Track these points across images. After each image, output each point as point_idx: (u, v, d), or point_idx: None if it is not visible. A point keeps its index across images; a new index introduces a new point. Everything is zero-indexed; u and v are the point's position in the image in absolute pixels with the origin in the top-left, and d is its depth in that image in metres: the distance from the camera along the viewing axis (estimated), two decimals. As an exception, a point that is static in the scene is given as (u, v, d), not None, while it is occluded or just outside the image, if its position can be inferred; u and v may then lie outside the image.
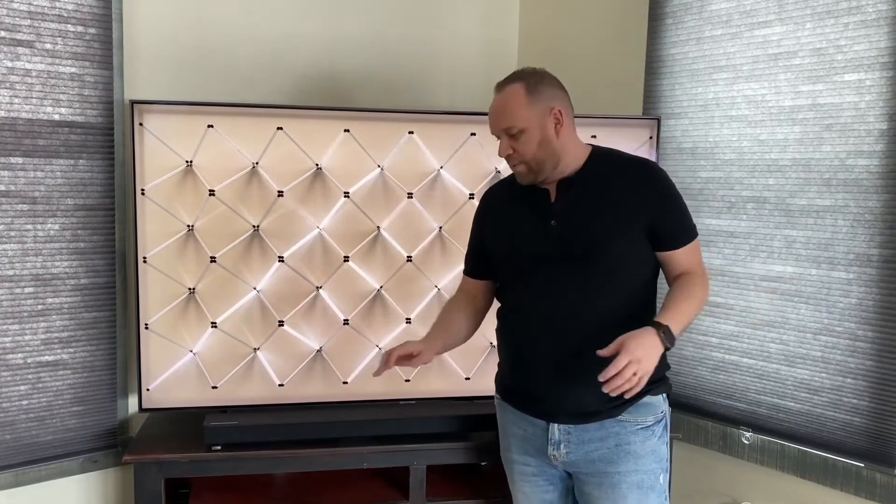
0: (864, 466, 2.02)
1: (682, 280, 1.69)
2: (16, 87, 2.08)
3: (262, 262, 2.20)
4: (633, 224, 1.66)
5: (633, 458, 1.68)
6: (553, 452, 1.72)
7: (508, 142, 1.69)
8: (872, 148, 1.98)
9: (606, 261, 1.66)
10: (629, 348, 1.49)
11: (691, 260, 1.71)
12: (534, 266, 1.72)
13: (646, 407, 1.70)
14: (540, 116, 1.67)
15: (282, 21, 2.50)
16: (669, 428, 1.77)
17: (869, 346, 2.01)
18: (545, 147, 1.67)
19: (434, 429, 2.21)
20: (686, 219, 1.73)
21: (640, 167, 1.74)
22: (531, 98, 1.67)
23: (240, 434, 2.10)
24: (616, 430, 1.68)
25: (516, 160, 1.70)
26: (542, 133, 1.67)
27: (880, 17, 1.95)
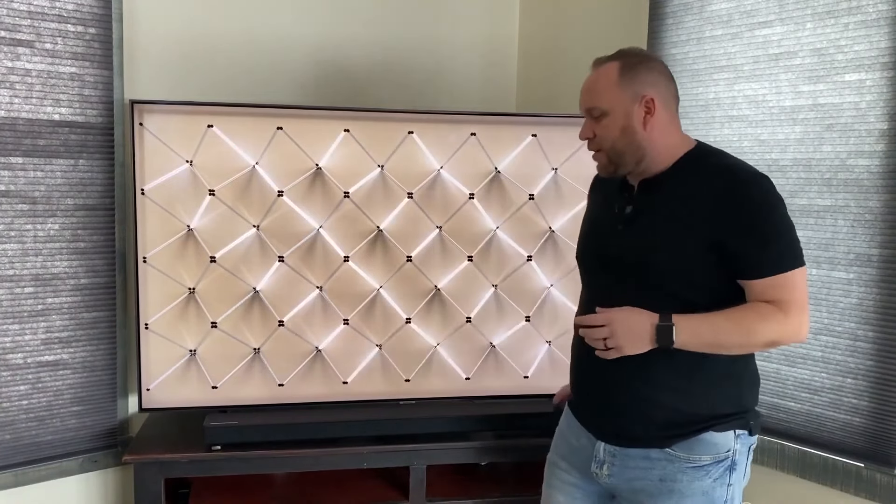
0: (864, 466, 2.01)
1: (751, 304, 1.45)
2: (16, 87, 2.08)
3: (262, 262, 2.20)
4: (697, 242, 1.45)
5: (677, 496, 1.51)
6: (595, 470, 1.60)
7: (590, 124, 1.55)
8: (873, 148, 1.98)
9: (658, 278, 1.48)
10: (613, 315, 1.43)
11: (775, 294, 1.43)
12: (595, 270, 1.63)
13: (702, 444, 1.50)
14: (628, 102, 1.50)
15: (282, 21, 2.50)
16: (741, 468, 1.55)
17: (869, 346, 2.01)
18: (628, 136, 1.50)
19: (434, 429, 2.21)
20: (772, 246, 1.44)
21: (730, 176, 1.47)
22: (623, 80, 1.50)
23: (240, 434, 2.10)
24: (662, 462, 1.52)
25: (594, 146, 1.56)
26: (626, 120, 1.50)
27: (881, 17, 1.95)
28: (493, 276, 2.35)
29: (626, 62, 1.52)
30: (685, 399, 1.51)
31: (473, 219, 2.32)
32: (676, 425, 1.52)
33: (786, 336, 1.46)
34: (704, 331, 1.44)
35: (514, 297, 2.35)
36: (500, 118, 2.33)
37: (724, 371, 1.52)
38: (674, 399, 1.51)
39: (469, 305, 2.34)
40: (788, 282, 1.44)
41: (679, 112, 1.60)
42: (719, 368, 1.51)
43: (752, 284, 1.46)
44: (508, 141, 2.31)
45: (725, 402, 1.53)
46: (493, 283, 2.35)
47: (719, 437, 1.51)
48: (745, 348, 1.50)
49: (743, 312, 1.45)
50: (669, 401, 1.51)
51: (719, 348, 1.47)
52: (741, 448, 1.54)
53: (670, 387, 1.51)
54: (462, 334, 2.34)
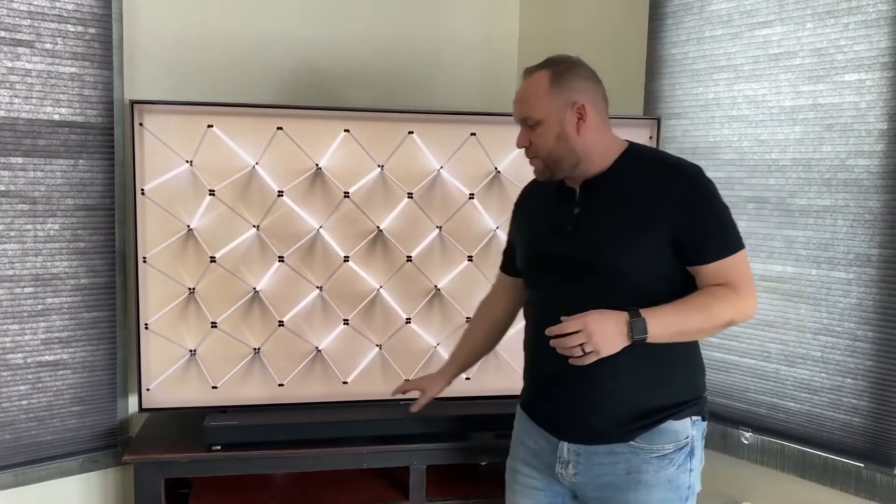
0: (864, 466, 2.01)
1: (706, 289, 1.52)
2: (16, 87, 2.08)
3: (262, 262, 2.20)
4: (651, 235, 1.51)
5: (644, 487, 1.55)
6: (560, 471, 1.62)
7: (526, 133, 1.59)
8: (872, 148, 1.98)
9: (616, 275, 1.52)
10: (587, 319, 1.43)
11: (726, 276, 1.51)
12: (545, 273, 1.64)
13: (663, 433, 1.55)
14: (560, 109, 1.55)
15: (282, 21, 2.50)
16: (699, 452, 1.61)
17: (869, 346, 2.01)
18: (562, 143, 1.55)
19: (434, 429, 2.21)
20: (719, 230, 1.53)
21: (670, 171, 1.56)
22: (554, 88, 1.55)
23: (240, 434, 2.10)
24: (627, 456, 1.55)
25: (532, 154, 1.60)
26: (559, 127, 1.55)
27: (880, 17, 1.95)
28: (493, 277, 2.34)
29: (555, 70, 1.57)
30: (648, 391, 1.56)
31: (473, 219, 2.32)
32: (639, 417, 1.55)
33: (741, 314, 1.53)
34: (671, 320, 1.48)
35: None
36: (500, 118, 2.33)
37: (679, 360, 1.59)
38: (638, 392, 1.55)
39: (469, 306, 2.33)
40: (736, 263, 1.52)
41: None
42: (675, 358, 1.57)
43: (703, 269, 1.52)
44: (508, 141, 2.29)
45: (682, 390, 1.59)
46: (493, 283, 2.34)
47: (678, 425, 1.57)
48: (707, 332, 1.56)
49: (702, 297, 1.51)
50: (634, 394, 1.55)
51: (685, 335, 1.53)
52: (697, 434, 1.60)
53: (635, 380, 1.54)
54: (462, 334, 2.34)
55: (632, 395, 1.55)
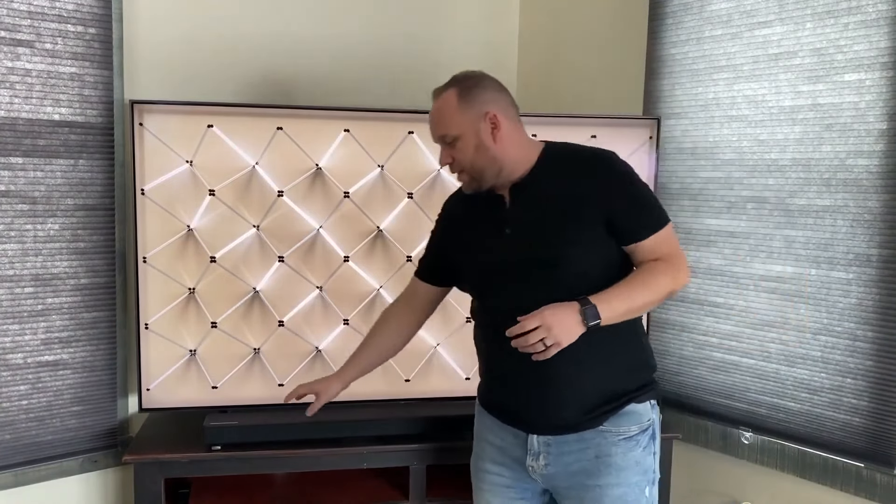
0: (864, 466, 2.02)
1: (642, 266, 1.61)
2: (16, 87, 2.08)
3: (262, 262, 2.20)
4: (589, 224, 1.58)
5: (614, 470, 1.61)
6: (532, 464, 1.66)
7: (447, 150, 1.65)
8: (872, 148, 1.98)
9: (566, 267, 1.58)
10: (543, 314, 1.47)
11: (659, 250, 1.60)
12: (494, 277, 1.67)
13: (628, 416, 1.63)
14: (474, 122, 1.60)
15: (282, 21, 2.50)
16: (659, 437, 1.69)
17: (868, 346, 2.01)
18: (483, 154, 1.61)
19: (434, 429, 2.21)
20: (647, 208, 1.62)
21: (590, 161, 1.64)
22: (464, 104, 1.61)
23: (240, 434, 2.10)
24: (596, 440, 1.62)
25: (456, 169, 1.66)
26: (477, 139, 1.61)
27: (880, 17, 1.95)
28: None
29: (462, 87, 1.63)
30: (610, 375, 1.63)
31: (473, 219, 2.32)
32: (605, 402, 1.62)
33: (678, 283, 1.61)
34: (619, 300, 1.54)
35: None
36: (499, 118, 2.33)
37: (630, 342, 1.66)
38: (600, 378, 1.62)
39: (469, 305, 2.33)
40: (666, 236, 1.62)
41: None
42: (627, 339, 1.64)
43: (638, 247, 1.60)
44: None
45: (639, 372, 1.67)
46: (493, 283, 2.35)
47: (640, 408, 1.65)
48: (652, 304, 1.62)
49: (642, 275, 1.59)
50: (597, 380, 1.61)
51: (634, 311, 1.59)
52: (656, 418, 1.69)
53: (595, 367, 1.60)
54: (462, 334, 2.34)
55: (595, 382, 1.61)
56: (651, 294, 1.57)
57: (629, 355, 1.66)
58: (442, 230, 1.85)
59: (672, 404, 2.44)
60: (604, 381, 1.62)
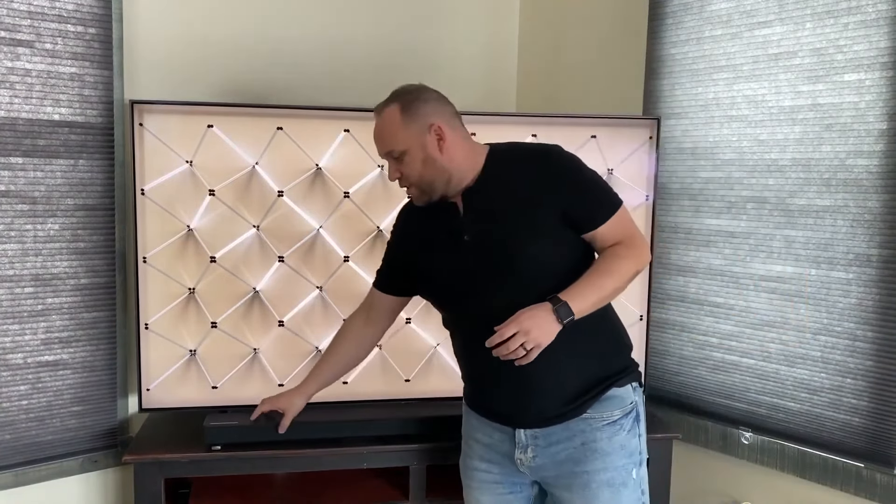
0: (864, 466, 2.02)
1: (603, 253, 1.63)
2: (16, 87, 2.08)
3: (262, 262, 2.20)
4: (545, 219, 1.60)
5: (600, 455, 1.64)
6: (520, 457, 1.68)
7: (394, 165, 1.65)
8: (872, 148, 1.98)
9: (528, 266, 1.59)
10: (519, 319, 1.50)
11: (617, 234, 1.63)
12: (459, 286, 1.67)
13: (610, 400, 1.65)
14: (419, 136, 1.62)
15: (282, 21, 2.50)
16: (644, 418, 1.72)
17: (868, 347, 2.01)
18: (430, 166, 1.62)
19: (434, 429, 2.21)
20: (598, 194, 1.64)
21: (535, 157, 1.65)
22: (407, 118, 1.62)
23: (240, 434, 2.10)
24: (581, 427, 1.64)
25: (405, 183, 1.67)
26: (423, 152, 1.62)
27: (880, 17, 1.95)
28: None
29: (404, 102, 1.63)
30: (588, 364, 1.65)
31: (473, 219, 2.32)
32: (586, 391, 1.64)
33: (641, 263, 1.64)
34: (588, 292, 1.57)
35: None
36: (500, 118, 2.34)
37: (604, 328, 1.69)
38: (579, 367, 1.64)
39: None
40: (621, 220, 1.64)
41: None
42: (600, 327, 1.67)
43: (595, 234, 1.62)
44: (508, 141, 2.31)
45: (617, 356, 1.70)
46: (493, 283, 2.35)
47: (621, 392, 1.67)
48: (620, 290, 1.63)
49: (605, 262, 1.61)
50: (577, 371, 1.64)
51: (604, 300, 1.61)
52: (639, 399, 1.72)
53: (573, 358, 1.62)
54: (462, 334, 2.34)
55: (574, 372, 1.63)
56: (617, 279, 1.60)
57: (602, 340, 1.68)
58: (397, 243, 1.85)
59: (672, 404, 2.44)
60: (582, 370, 1.64)
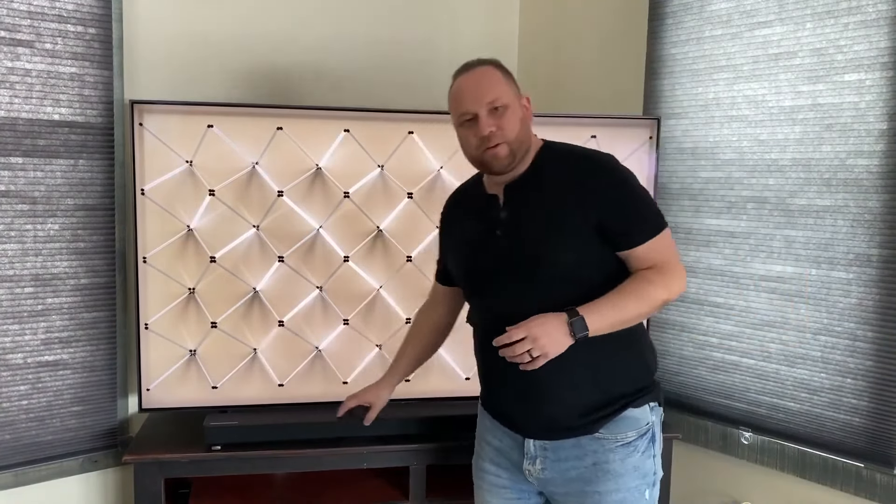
0: (864, 466, 2.02)
1: (634, 274, 1.56)
2: (16, 87, 2.08)
3: (262, 262, 2.20)
4: (579, 229, 1.54)
5: (612, 477, 1.58)
6: (528, 467, 1.64)
7: (492, 119, 1.56)
8: (872, 148, 1.98)
9: (550, 272, 1.55)
10: (530, 325, 1.46)
11: (654, 257, 1.55)
12: (485, 280, 1.65)
13: (625, 421, 1.59)
14: (517, 97, 1.60)
15: (282, 21, 2.50)
16: (659, 438, 1.66)
17: (869, 347, 2.01)
18: (524, 128, 1.59)
19: (434, 429, 2.21)
20: (642, 213, 1.57)
21: (585, 163, 1.59)
22: (507, 79, 1.61)
23: (240, 434, 2.10)
24: (593, 447, 1.58)
25: (499, 139, 1.56)
26: (521, 112, 1.60)
27: (880, 17, 1.95)
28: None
29: (499, 66, 1.62)
30: (603, 381, 1.59)
31: (473, 219, 2.32)
32: (599, 408, 1.58)
33: (673, 292, 1.57)
34: (608, 312, 1.51)
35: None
36: (499, 118, 2.33)
37: (627, 346, 1.61)
38: (594, 383, 1.58)
39: (469, 305, 2.34)
40: (661, 244, 1.57)
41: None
42: (623, 345, 1.59)
43: (632, 253, 1.56)
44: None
45: (636, 376, 1.63)
46: (493, 283, 2.35)
47: (638, 413, 1.60)
48: (644, 315, 1.58)
49: (634, 284, 1.54)
50: (590, 386, 1.58)
51: (625, 323, 1.54)
52: (656, 420, 1.65)
53: (588, 372, 1.57)
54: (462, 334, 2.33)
55: (588, 387, 1.58)
56: (643, 304, 1.53)
57: (624, 360, 1.62)
58: (443, 232, 1.85)
59: (672, 404, 2.43)
60: (596, 387, 1.58)
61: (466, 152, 1.65)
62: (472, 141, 1.60)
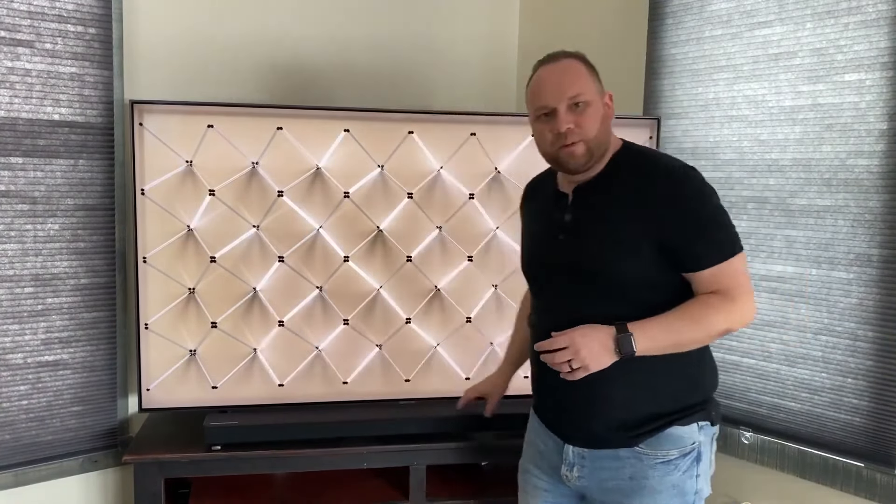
0: (864, 466, 2.01)
1: (696, 298, 1.47)
2: (16, 87, 2.08)
3: (262, 262, 2.20)
4: (638, 244, 1.47)
5: (649, 493, 1.52)
6: (566, 473, 1.61)
7: (571, 115, 1.49)
8: (873, 148, 1.98)
9: (608, 286, 1.49)
10: (574, 335, 1.43)
11: (720, 283, 1.46)
12: (544, 279, 1.63)
13: (669, 439, 1.52)
14: (600, 94, 1.53)
15: (282, 21, 2.50)
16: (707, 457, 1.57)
17: (869, 346, 2.01)
18: (605, 127, 1.52)
19: (434, 429, 2.21)
20: (711, 235, 1.47)
21: (656, 174, 1.50)
22: (592, 75, 1.53)
23: (240, 434, 2.10)
24: (632, 461, 1.53)
25: (577, 137, 1.49)
26: (603, 110, 1.52)
27: (880, 17, 1.95)
28: (493, 276, 2.35)
29: (584, 60, 1.55)
30: (648, 397, 1.52)
31: (473, 219, 2.32)
32: (640, 423, 1.52)
33: (736, 322, 1.48)
34: (661, 334, 1.45)
35: (513, 297, 2.35)
36: (500, 118, 2.33)
37: (682, 365, 1.53)
38: (638, 399, 1.52)
39: (469, 305, 2.34)
40: (731, 269, 1.47)
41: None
42: (677, 362, 1.51)
43: (697, 276, 1.47)
44: (508, 141, 2.31)
45: (685, 394, 1.55)
46: (493, 283, 2.35)
47: (684, 431, 1.53)
48: (700, 342, 1.51)
49: (693, 308, 1.46)
50: (634, 401, 1.52)
51: (677, 347, 1.48)
52: (705, 439, 1.56)
53: (633, 387, 1.51)
54: (462, 334, 2.34)
55: (631, 402, 1.52)
56: (699, 331, 1.46)
57: (673, 380, 1.54)
58: (521, 218, 1.81)
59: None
60: (639, 403, 1.53)
61: (541, 148, 1.57)
62: (548, 136, 1.53)
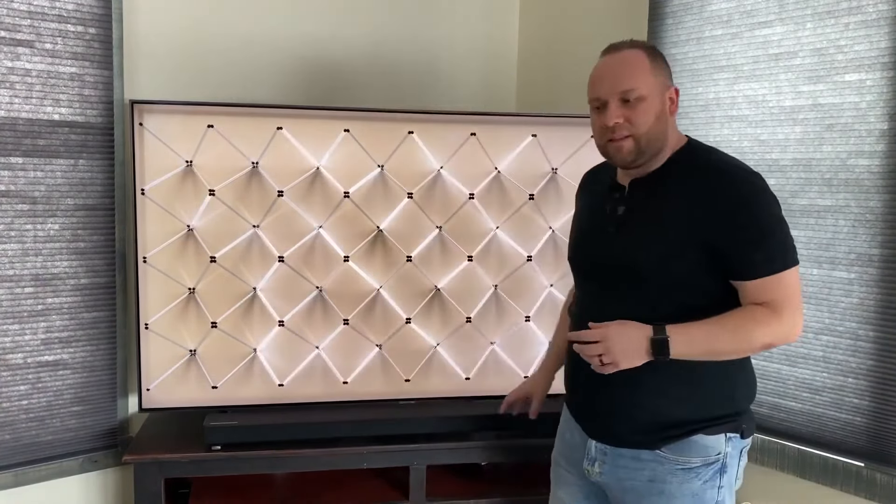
0: (865, 466, 2.01)
1: (741, 308, 1.43)
2: (16, 87, 2.08)
3: (262, 262, 2.20)
4: (684, 247, 1.44)
5: (666, 498, 1.50)
6: (588, 467, 1.60)
7: (622, 109, 1.45)
8: (873, 148, 1.98)
9: (649, 283, 1.46)
10: (608, 329, 1.41)
11: (768, 295, 1.41)
12: (588, 272, 1.62)
13: (693, 446, 1.49)
14: (661, 89, 1.47)
15: (282, 21, 2.50)
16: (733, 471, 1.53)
17: (870, 346, 2.01)
18: (660, 124, 1.47)
19: (434, 429, 2.21)
20: (764, 245, 1.42)
21: (722, 176, 1.45)
22: (654, 68, 1.47)
23: (240, 434, 2.10)
24: (652, 464, 1.51)
25: (626, 131, 1.46)
26: (660, 107, 1.46)
27: (881, 17, 1.95)
28: (493, 276, 2.35)
29: (650, 51, 1.50)
30: (675, 403, 1.50)
31: (473, 219, 2.32)
32: (664, 427, 1.50)
33: (779, 338, 1.45)
34: (699, 340, 1.42)
35: (514, 297, 2.35)
36: (500, 118, 2.33)
37: (714, 373, 1.50)
38: (663, 403, 1.50)
39: (469, 305, 2.34)
40: (781, 282, 1.42)
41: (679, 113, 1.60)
42: (710, 371, 1.49)
43: (744, 285, 1.44)
44: (508, 141, 2.31)
45: (716, 404, 1.51)
46: (494, 283, 2.35)
47: (710, 440, 1.50)
48: (739, 353, 1.48)
49: (736, 318, 1.43)
50: (659, 405, 1.50)
51: (715, 355, 1.45)
52: (732, 451, 1.52)
53: (660, 391, 1.50)
54: (462, 334, 2.34)
55: (656, 406, 1.51)
56: (740, 342, 1.43)
57: (706, 390, 1.50)
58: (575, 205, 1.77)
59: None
60: (664, 408, 1.50)
61: (595, 138, 1.55)
62: (599, 128, 1.51)
